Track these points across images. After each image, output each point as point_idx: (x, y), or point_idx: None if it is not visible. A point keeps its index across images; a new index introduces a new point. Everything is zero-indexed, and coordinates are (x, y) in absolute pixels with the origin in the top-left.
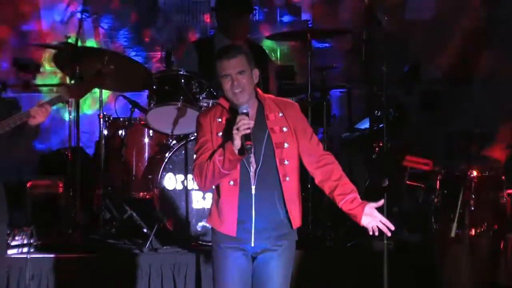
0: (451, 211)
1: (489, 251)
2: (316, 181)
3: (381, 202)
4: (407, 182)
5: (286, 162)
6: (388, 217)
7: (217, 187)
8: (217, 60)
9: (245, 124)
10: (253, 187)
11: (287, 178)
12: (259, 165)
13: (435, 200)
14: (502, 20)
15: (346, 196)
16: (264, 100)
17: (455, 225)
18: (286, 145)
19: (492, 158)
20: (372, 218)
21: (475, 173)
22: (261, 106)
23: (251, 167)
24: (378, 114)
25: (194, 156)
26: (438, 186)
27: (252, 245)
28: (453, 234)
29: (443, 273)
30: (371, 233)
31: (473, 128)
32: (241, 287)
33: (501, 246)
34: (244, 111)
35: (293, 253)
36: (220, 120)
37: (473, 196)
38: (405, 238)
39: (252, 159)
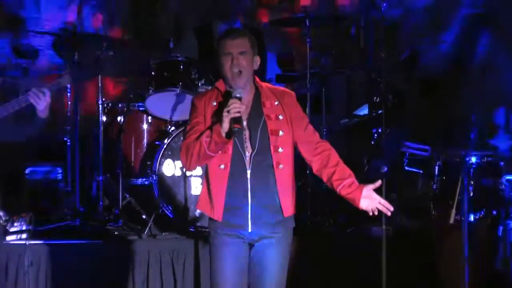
0: (450, 197)
1: (487, 237)
2: (314, 169)
3: (379, 183)
4: (406, 168)
5: (280, 150)
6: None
7: (207, 171)
8: (220, 40)
9: (236, 108)
10: (248, 172)
11: (281, 166)
12: (254, 150)
13: (434, 187)
14: (501, 7)
15: (343, 181)
16: (261, 88)
17: (453, 211)
18: (281, 132)
19: None
20: (371, 200)
21: (473, 159)
22: (258, 93)
23: (247, 152)
24: (377, 100)
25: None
26: (437, 172)
27: (249, 230)
28: (452, 221)
29: (442, 259)
30: (370, 214)
31: (472, 114)
32: (237, 275)
33: (500, 233)
34: (238, 95)
35: (291, 241)
36: (215, 103)
37: (472, 182)
38: (404, 224)
39: (248, 143)
